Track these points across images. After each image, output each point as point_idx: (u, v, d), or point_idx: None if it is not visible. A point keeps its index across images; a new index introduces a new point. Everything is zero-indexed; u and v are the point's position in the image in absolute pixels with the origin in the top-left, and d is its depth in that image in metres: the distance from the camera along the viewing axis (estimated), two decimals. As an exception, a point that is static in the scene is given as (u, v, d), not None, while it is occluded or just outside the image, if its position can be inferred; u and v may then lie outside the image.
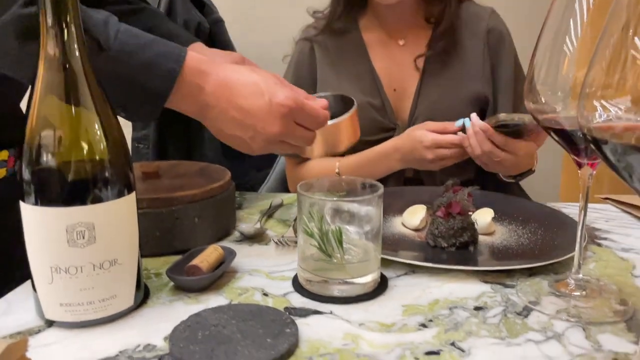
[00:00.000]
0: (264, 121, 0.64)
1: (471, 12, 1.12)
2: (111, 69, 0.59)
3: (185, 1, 1.47)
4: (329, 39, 1.14)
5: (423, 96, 1.08)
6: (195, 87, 0.64)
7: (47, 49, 0.46)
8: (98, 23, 0.60)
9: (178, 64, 0.62)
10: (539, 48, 0.52)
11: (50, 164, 0.47)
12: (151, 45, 0.62)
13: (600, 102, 0.42)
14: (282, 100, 0.64)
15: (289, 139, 0.67)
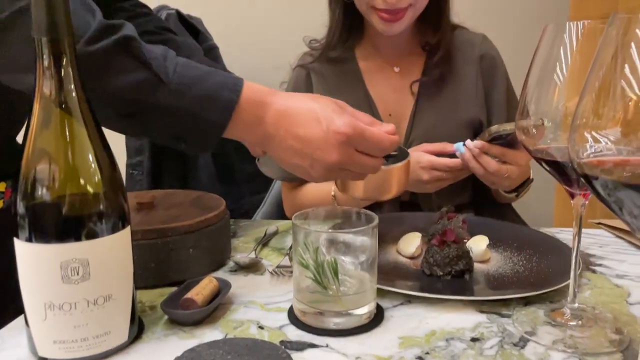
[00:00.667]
0: (321, 149, 0.64)
1: (464, 39, 1.14)
2: (171, 103, 0.60)
3: (179, 28, 1.49)
4: (325, 66, 1.16)
5: (418, 120, 1.10)
6: (255, 117, 0.64)
7: (43, 89, 0.46)
8: (157, 57, 0.61)
9: (235, 93, 0.62)
10: (530, 79, 0.53)
11: (45, 198, 0.47)
12: (209, 77, 0.62)
13: (591, 134, 0.43)
14: (339, 127, 0.63)
15: (350, 167, 0.66)
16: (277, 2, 1.82)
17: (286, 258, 0.74)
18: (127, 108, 0.59)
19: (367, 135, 0.65)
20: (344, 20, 1.11)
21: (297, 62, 1.21)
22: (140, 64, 0.59)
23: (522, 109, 0.53)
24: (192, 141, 0.64)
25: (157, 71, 0.59)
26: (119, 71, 0.58)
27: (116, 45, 0.58)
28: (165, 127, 0.62)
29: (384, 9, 0.99)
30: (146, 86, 0.59)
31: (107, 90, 0.57)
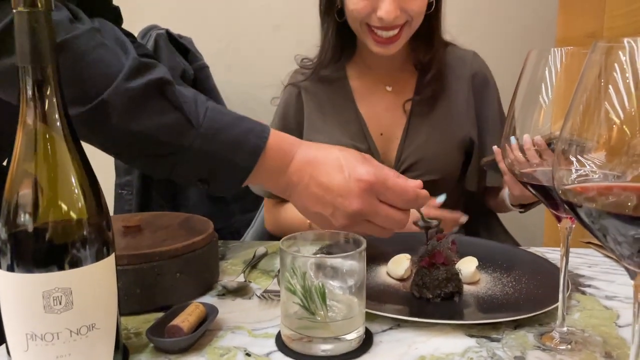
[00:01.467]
0: (342, 197, 0.64)
1: (455, 56, 1.15)
2: (199, 146, 0.61)
3: (169, 48, 1.49)
4: (317, 85, 1.16)
5: (410, 139, 1.10)
6: (280, 165, 0.65)
7: (27, 119, 0.46)
8: (189, 100, 0.62)
9: (262, 140, 0.64)
10: (515, 102, 0.53)
11: (27, 226, 0.46)
12: (237, 122, 0.64)
13: (576, 157, 0.43)
14: (362, 175, 0.64)
15: (373, 218, 0.66)
16: (267, 21, 1.83)
17: (275, 281, 0.74)
18: (157, 149, 0.60)
19: (390, 184, 0.65)
20: (336, 39, 1.11)
21: (288, 80, 1.21)
22: (173, 106, 0.60)
23: (508, 133, 0.53)
24: (216, 184, 0.65)
25: (189, 115, 0.60)
26: (152, 112, 0.59)
27: (153, 85, 0.59)
28: (192, 170, 0.63)
29: (379, 27, 0.99)
30: (177, 128, 0.60)
31: (138, 129, 0.58)
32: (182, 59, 1.52)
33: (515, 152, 0.96)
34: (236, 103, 1.87)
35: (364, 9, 0.99)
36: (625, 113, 0.40)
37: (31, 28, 0.45)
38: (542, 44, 1.74)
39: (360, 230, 0.67)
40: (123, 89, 0.57)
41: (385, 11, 0.96)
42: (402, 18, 0.98)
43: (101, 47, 0.60)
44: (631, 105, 0.39)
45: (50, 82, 0.47)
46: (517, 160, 0.93)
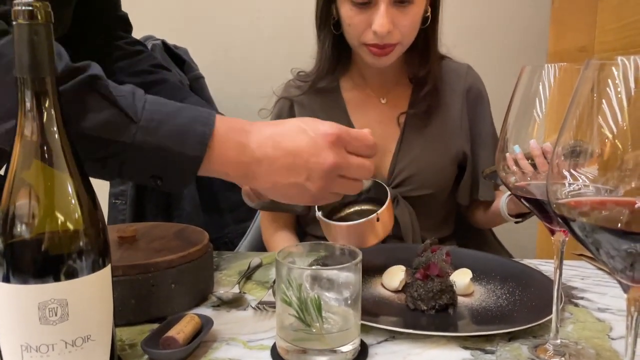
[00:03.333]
0: (315, 156, 0.62)
1: (450, 69, 1.15)
2: (142, 140, 0.59)
3: (165, 58, 1.50)
4: (309, 97, 1.15)
5: (403, 153, 1.10)
6: (238, 145, 0.63)
7: (25, 130, 0.46)
8: (126, 95, 0.60)
9: (208, 127, 0.61)
10: (509, 117, 0.54)
11: (23, 237, 0.46)
12: (180, 112, 0.62)
13: (569, 171, 0.43)
14: (326, 129, 0.63)
15: (346, 172, 0.64)
16: (262, 31, 1.84)
17: (270, 292, 0.74)
18: (99, 149, 0.58)
19: (353, 133, 0.65)
20: (332, 51, 1.10)
21: (281, 93, 1.20)
22: (108, 102, 0.58)
23: (502, 147, 0.53)
24: (169, 179, 0.62)
25: (126, 109, 0.58)
26: (87, 110, 0.57)
27: (82, 84, 0.57)
28: (140, 167, 0.61)
29: (373, 44, 1.00)
30: (116, 124, 0.58)
31: (77, 132, 0.56)
32: (178, 69, 1.52)
33: (522, 161, 0.94)
34: (231, 113, 1.87)
35: (359, 25, 0.99)
36: (618, 128, 0.40)
37: (31, 40, 0.45)
38: (534, 56, 1.76)
39: (336, 188, 0.66)
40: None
41: (379, 24, 0.96)
42: (395, 36, 0.99)
43: None
44: (624, 121, 0.40)
45: (48, 94, 0.47)
46: (523, 170, 0.91)
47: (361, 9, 0.98)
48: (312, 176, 0.62)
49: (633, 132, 0.40)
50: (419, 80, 1.11)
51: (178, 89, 0.94)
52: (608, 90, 0.39)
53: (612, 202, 0.40)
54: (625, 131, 0.40)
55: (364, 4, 0.98)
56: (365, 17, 0.98)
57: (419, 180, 1.08)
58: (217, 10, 1.84)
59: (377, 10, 0.96)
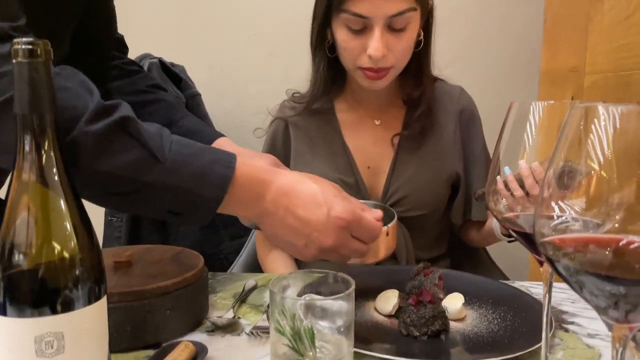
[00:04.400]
0: (319, 232, 0.65)
1: (443, 91, 1.16)
2: (165, 180, 0.61)
3: (162, 76, 1.51)
4: (304, 118, 1.17)
5: (397, 174, 1.11)
6: (254, 195, 0.66)
7: (22, 174, 0.46)
8: (154, 136, 0.62)
9: (229, 169, 0.64)
10: (500, 152, 0.55)
11: (20, 269, 0.47)
12: (203, 154, 0.64)
13: (557, 204, 0.45)
14: (340, 213, 0.65)
15: (341, 250, 0.68)
16: (258, 49, 1.86)
17: (264, 317, 0.74)
18: (123, 186, 0.61)
19: (364, 222, 0.68)
20: (327, 74, 1.11)
21: (275, 114, 1.21)
22: (137, 142, 0.60)
23: (492, 180, 0.55)
24: (187, 216, 0.65)
25: (154, 150, 0.61)
26: (117, 150, 0.60)
27: (115, 125, 0.59)
28: (160, 204, 0.63)
29: (367, 68, 1.01)
30: (143, 164, 0.60)
31: (103, 169, 0.59)
32: (175, 87, 1.53)
33: (512, 183, 0.94)
34: (227, 130, 1.89)
35: (355, 49, 1.01)
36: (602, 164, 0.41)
37: (31, 78, 0.46)
38: (527, 75, 1.78)
39: (327, 257, 0.69)
40: (86, 131, 0.58)
41: (374, 49, 0.98)
42: (389, 60, 1.00)
43: (62, 90, 0.60)
44: (609, 161, 0.41)
45: (47, 130, 0.48)
46: (513, 193, 0.91)
47: (357, 34, 1.00)
48: (309, 246, 0.66)
49: (619, 167, 0.41)
50: (412, 102, 1.13)
51: (174, 108, 0.95)
52: (592, 136, 0.40)
53: (597, 240, 0.41)
54: (611, 170, 0.41)
55: (359, 30, 0.99)
56: (361, 41, 1.00)
57: (412, 200, 1.09)
58: (213, 27, 1.86)
59: (372, 35, 0.98)
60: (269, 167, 0.70)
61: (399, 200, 1.09)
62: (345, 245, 0.67)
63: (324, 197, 0.66)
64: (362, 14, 0.97)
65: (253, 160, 0.70)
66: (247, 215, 0.68)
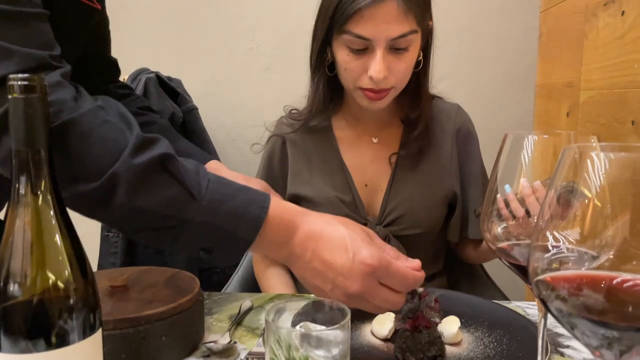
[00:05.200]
0: (344, 277, 0.64)
1: (440, 109, 1.16)
2: (201, 218, 0.62)
3: (159, 91, 1.52)
4: (301, 135, 1.17)
5: (394, 192, 1.11)
6: (284, 237, 0.66)
7: (17, 219, 0.46)
8: (191, 174, 0.63)
9: (263, 210, 0.64)
10: (497, 183, 0.56)
11: (14, 301, 0.47)
12: (238, 194, 0.65)
13: (552, 233, 0.45)
14: (365, 258, 0.64)
15: (371, 299, 0.66)
16: (256, 62, 1.87)
17: (260, 341, 0.74)
18: (159, 222, 0.61)
19: (393, 269, 0.65)
20: (325, 92, 1.11)
21: (273, 130, 1.21)
22: (176, 180, 0.61)
23: (487, 211, 0.55)
24: (218, 254, 0.65)
25: (191, 188, 0.61)
26: (156, 186, 0.60)
27: (155, 161, 0.60)
28: (194, 241, 0.64)
29: (368, 89, 1.01)
30: (180, 202, 0.61)
31: (142, 204, 0.60)
32: (172, 102, 1.54)
33: (513, 202, 0.93)
34: (224, 143, 1.89)
35: (355, 70, 1.01)
36: (597, 202, 0.42)
37: (26, 113, 0.47)
38: (522, 89, 1.79)
39: (357, 306, 0.68)
40: (129, 165, 0.59)
41: (375, 70, 0.97)
42: (390, 81, 1.00)
43: (106, 124, 0.61)
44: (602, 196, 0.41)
45: (42, 164, 0.48)
46: (514, 213, 0.90)
47: (358, 55, 1.00)
48: (335, 291, 0.65)
49: (613, 206, 0.42)
50: (410, 121, 1.13)
51: (166, 131, 0.96)
52: (586, 175, 0.40)
53: (590, 280, 0.41)
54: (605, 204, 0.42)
55: (360, 50, 0.99)
56: (362, 62, 1.00)
57: (410, 219, 1.09)
58: (210, 41, 1.86)
59: (374, 57, 0.98)
60: (300, 208, 0.69)
61: (396, 219, 1.09)
62: (373, 293, 0.65)
63: (352, 241, 0.65)
64: (364, 36, 0.97)
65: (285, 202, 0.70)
66: (277, 256, 0.68)
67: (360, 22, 0.97)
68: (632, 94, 1.10)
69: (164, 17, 1.87)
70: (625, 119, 1.12)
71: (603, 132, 1.23)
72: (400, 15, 0.96)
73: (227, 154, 1.88)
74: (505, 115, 1.77)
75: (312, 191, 1.13)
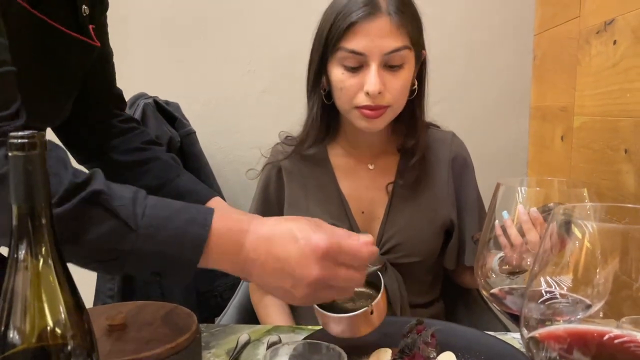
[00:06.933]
0: (301, 266, 0.64)
1: (435, 138, 1.17)
2: (142, 246, 0.62)
3: (157, 116, 1.53)
4: (297, 163, 1.17)
5: (391, 221, 1.11)
6: (233, 246, 0.65)
7: (19, 254, 0.47)
8: (126, 203, 0.63)
9: (205, 228, 0.64)
10: (488, 234, 0.57)
11: (10, 357, 0.47)
12: (177, 215, 0.64)
13: (545, 279, 0.46)
14: (316, 242, 0.64)
15: (334, 283, 0.66)
16: (253, 85, 1.88)
17: (257, 378, 0.75)
18: (101, 256, 0.61)
19: (345, 246, 0.66)
20: (321, 120, 1.12)
21: (268, 158, 1.22)
22: (110, 214, 0.61)
23: (482, 260, 0.56)
24: (168, 277, 0.66)
25: (126, 219, 0.61)
26: (89, 223, 0.60)
27: (85, 201, 0.60)
28: (141, 268, 0.64)
29: (366, 105, 1.01)
30: (116, 235, 0.61)
31: (81, 242, 0.59)
32: (169, 126, 1.55)
33: (510, 229, 0.92)
34: (221, 164, 1.90)
35: (351, 88, 1.01)
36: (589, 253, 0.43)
37: (26, 170, 0.47)
38: (517, 111, 1.80)
39: (323, 297, 0.68)
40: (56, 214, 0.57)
41: (371, 84, 0.98)
42: (386, 98, 1.01)
43: None
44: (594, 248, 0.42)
45: (42, 219, 0.48)
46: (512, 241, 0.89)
47: (353, 73, 1.01)
48: (297, 285, 0.65)
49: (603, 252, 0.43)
50: (406, 150, 1.13)
51: (169, 166, 0.96)
52: (574, 239, 0.41)
53: (580, 336, 0.42)
54: (596, 257, 0.43)
55: (355, 68, 1.00)
56: (357, 80, 1.01)
57: (407, 248, 1.10)
58: (208, 64, 1.88)
59: (369, 72, 0.99)
60: (245, 216, 0.69)
61: (393, 247, 1.10)
62: (333, 276, 0.65)
63: (300, 232, 0.65)
64: (358, 51, 0.98)
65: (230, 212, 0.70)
66: (232, 268, 0.68)
67: (354, 37, 0.98)
68: (625, 123, 1.12)
69: (161, 41, 1.89)
70: (618, 147, 1.13)
71: (597, 159, 1.24)
72: (393, 30, 0.98)
73: (224, 175, 1.89)
74: (500, 137, 1.79)
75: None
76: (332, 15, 1.02)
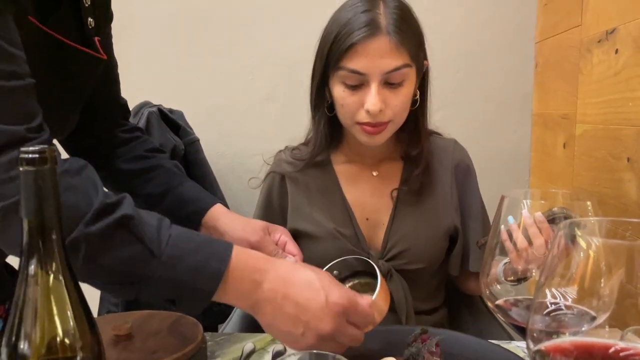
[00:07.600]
0: (318, 318, 0.66)
1: (437, 145, 1.18)
2: (161, 275, 0.63)
3: (161, 125, 1.53)
4: (302, 172, 1.17)
5: (396, 228, 1.12)
6: (250, 283, 0.67)
7: (29, 268, 0.48)
8: (151, 230, 0.64)
9: (223, 263, 0.66)
10: (493, 243, 0.57)
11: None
12: (199, 249, 0.66)
13: (551, 291, 0.46)
14: (338, 298, 0.66)
15: (340, 338, 0.68)
16: (256, 92, 1.89)
17: (262, 389, 0.75)
18: (121, 278, 0.63)
19: (360, 308, 0.69)
20: (326, 131, 1.13)
21: (272, 167, 1.22)
22: (135, 238, 0.63)
23: (487, 271, 0.56)
24: (182, 305, 0.67)
25: (150, 245, 0.63)
26: (115, 247, 0.62)
27: (115, 225, 0.62)
28: (157, 294, 0.65)
29: (366, 123, 1.02)
30: (139, 260, 0.63)
31: (102, 263, 0.61)
32: (174, 135, 1.55)
33: (515, 232, 0.91)
34: (225, 171, 1.91)
35: (352, 105, 1.02)
36: (593, 263, 0.43)
37: (37, 185, 0.48)
38: (519, 117, 1.81)
39: (324, 348, 0.68)
40: (86, 234, 0.60)
41: (371, 103, 0.99)
42: (386, 115, 1.02)
43: (67, 190, 0.61)
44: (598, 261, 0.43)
45: (53, 233, 0.49)
46: (517, 245, 0.89)
47: (353, 91, 1.02)
48: (307, 334, 0.67)
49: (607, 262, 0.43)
50: (410, 158, 1.14)
51: (173, 174, 0.97)
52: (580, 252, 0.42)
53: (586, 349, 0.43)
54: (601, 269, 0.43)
55: (355, 86, 1.01)
56: (358, 97, 1.02)
57: (411, 254, 1.10)
58: (211, 72, 1.89)
59: (369, 91, 1.00)
60: (266, 256, 0.71)
61: (398, 254, 1.10)
62: (341, 332, 0.68)
63: (321, 283, 0.67)
64: (358, 70, 0.99)
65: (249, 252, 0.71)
66: (244, 305, 0.69)
67: (354, 57, 0.99)
68: (627, 131, 1.12)
69: (165, 50, 1.90)
70: (620, 155, 1.14)
71: (599, 167, 1.24)
72: (393, 50, 0.99)
73: (228, 182, 1.89)
74: (502, 144, 1.79)
75: (312, 225, 1.14)
76: (333, 33, 1.02)
